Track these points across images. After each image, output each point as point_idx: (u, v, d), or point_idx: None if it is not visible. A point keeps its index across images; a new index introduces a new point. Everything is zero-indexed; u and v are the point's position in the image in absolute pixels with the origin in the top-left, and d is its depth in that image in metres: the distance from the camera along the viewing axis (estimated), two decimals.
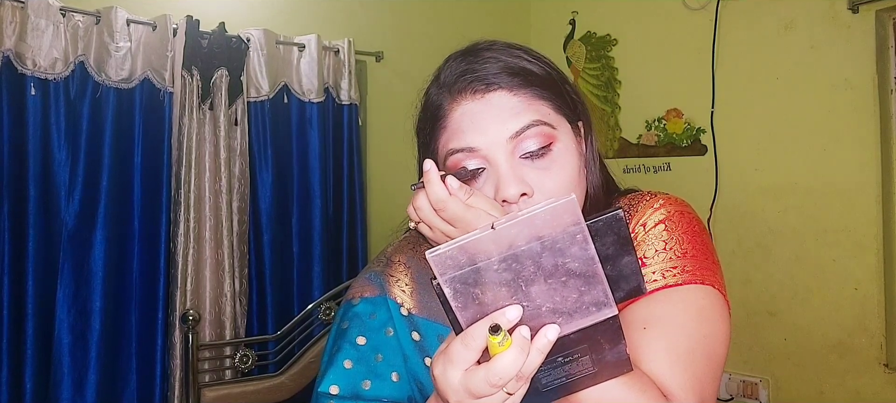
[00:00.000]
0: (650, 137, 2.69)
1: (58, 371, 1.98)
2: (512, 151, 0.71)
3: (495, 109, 0.72)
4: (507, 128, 0.71)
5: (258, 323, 2.38)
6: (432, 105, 0.77)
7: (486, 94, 0.73)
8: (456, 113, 0.73)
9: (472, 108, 0.73)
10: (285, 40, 2.43)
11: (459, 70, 0.75)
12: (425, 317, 0.80)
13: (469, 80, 0.73)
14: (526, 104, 0.73)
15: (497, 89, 0.73)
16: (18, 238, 1.94)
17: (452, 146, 0.73)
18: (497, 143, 0.71)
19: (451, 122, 0.74)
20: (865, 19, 2.13)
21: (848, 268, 2.19)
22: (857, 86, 2.15)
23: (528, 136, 0.71)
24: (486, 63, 0.74)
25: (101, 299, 2.05)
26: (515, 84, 0.73)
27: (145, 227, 2.14)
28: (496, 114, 0.72)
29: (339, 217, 2.56)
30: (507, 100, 0.72)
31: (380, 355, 0.79)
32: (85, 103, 2.04)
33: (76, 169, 2.03)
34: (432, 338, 0.79)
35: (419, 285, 0.83)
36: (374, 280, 0.85)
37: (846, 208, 2.19)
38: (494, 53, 0.75)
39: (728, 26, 2.45)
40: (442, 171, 0.71)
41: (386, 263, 0.87)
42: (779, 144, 2.34)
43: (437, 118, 0.76)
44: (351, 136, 2.57)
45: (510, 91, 0.73)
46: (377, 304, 0.83)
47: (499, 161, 0.71)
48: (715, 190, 2.49)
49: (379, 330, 0.81)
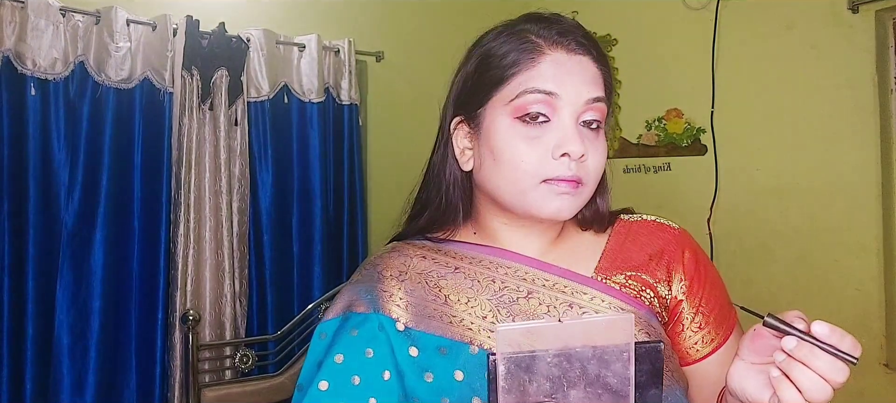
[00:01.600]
0: (650, 137, 2.68)
1: (57, 371, 1.98)
2: (579, 115, 0.74)
3: (584, 70, 0.75)
4: (588, 90, 0.74)
5: (258, 324, 2.38)
6: (518, 42, 0.76)
7: (577, 54, 0.76)
8: (548, 58, 0.75)
9: (564, 60, 0.75)
10: (285, 40, 2.43)
11: (556, 27, 0.77)
12: (423, 331, 0.77)
13: (565, 35, 0.76)
14: (600, 79, 0.77)
15: (586, 54, 0.76)
16: (18, 238, 1.94)
17: (534, 85, 0.73)
18: (575, 101, 0.74)
19: (541, 64, 0.74)
20: (865, 19, 2.13)
21: (849, 268, 2.19)
22: (857, 85, 2.15)
23: (597, 108, 0.75)
24: (578, 30, 0.78)
25: (100, 299, 2.05)
26: (599, 58, 0.78)
27: (145, 227, 2.14)
28: (583, 75, 0.75)
29: (339, 217, 2.56)
30: (592, 67, 0.76)
31: (357, 377, 0.74)
32: (85, 103, 2.04)
33: (76, 169, 2.03)
34: (432, 351, 0.75)
35: (414, 298, 0.79)
36: (365, 296, 0.80)
37: (847, 208, 2.19)
38: (579, 25, 0.79)
39: (728, 26, 2.45)
40: (511, 105, 0.74)
41: (377, 278, 0.82)
42: (779, 144, 2.33)
43: (521, 55, 0.75)
44: (351, 136, 2.57)
45: (595, 61, 0.77)
46: (363, 321, 0.78)
47: (568, 117, 0.73)
48: (715, 190, 2.49)
49: (359, 350, 0.76)
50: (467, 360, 0.74)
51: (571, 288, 0.78)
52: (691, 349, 0.81)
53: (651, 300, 0.80)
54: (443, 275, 0.80)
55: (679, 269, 0.82)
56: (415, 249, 0.84)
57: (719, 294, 0.84)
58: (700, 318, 0.81)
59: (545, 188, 0.73)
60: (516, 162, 0.73)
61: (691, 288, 0.82)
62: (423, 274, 0.81)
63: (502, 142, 0.74)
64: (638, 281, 0.80)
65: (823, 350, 0.57)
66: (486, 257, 0.81)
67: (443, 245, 0.84)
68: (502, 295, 0.78)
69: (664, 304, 0.81)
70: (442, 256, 0.82)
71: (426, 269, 0.81)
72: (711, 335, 0.81)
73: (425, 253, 0.83)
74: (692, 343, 0.81)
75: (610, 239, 0.84)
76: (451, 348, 0.75)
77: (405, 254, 0.84)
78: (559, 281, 0.79)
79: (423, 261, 0.82)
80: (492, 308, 0.77)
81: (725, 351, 0.81)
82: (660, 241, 0.83)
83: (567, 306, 0.77)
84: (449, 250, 0.83)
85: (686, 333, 0.81)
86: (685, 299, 0.81)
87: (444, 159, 0.82)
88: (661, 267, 0.81)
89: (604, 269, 0.81)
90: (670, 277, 0.81)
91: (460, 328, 0.76)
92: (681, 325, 0.81)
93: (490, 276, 0.79)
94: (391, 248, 0.87)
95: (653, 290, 0.80)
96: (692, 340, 0.81)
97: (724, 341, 0.81)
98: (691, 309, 0.81)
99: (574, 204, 0.74)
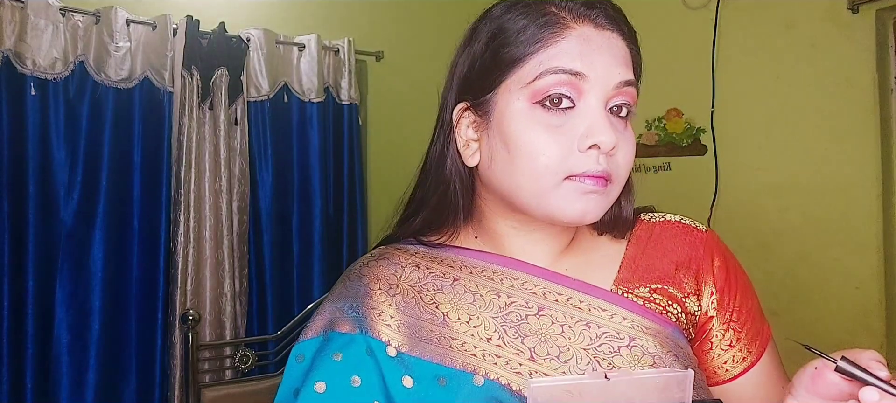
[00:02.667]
0: (650, 137, 2.68)
1: (57, 370, 1.98)
2: (609, 100, 0.64)
3: (614, 48, 0.65)
4: (620, 72, 0.64)
5: (258, 323, 2.38)
6: (537, 13, 0.65)
7: (606, 31, 0.65)
8: (574, 32, 0.64)
9: (592, 35, 0.64)
10: (285, 40, 2.43)
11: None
12: (419, 357, 0.65)
13: (595, 8, 0.65)
14: (631, 61, 0.67)
15: (616, 30, 0.66)
16: (18, 237, 1.94)
17: (558, 64, 0.62)
18: (606, 82, 0.63)
19: (565, 40, 0.63)
20: (865, 19, 2.13)
21: (849, 267, 2.19)
22: (857, 85, 2.15)
23: (628, 93, 0.65)
24: (607, 5, 0.67)
25: (100, 298, 2.05)
26: (629, 35, 0.68)
27: (145, 227, 2.14)
28: (614, 53, 0.64)
29: (339, 217, 2.56)
30: (622, 47, 0.66)
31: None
32: (84, 103, 2.03)
33: (75, 168, 2.03)
34: (429, 382, 0.64)
35: (407, 316, 0.68)
36: (349, 313, 0.69)
37: (847, 207, 2.19)
38: (611, 3, 0.69)
39: (728, 26, 2.45)
40: (530, 87, 0.63)
41: (364, 292, 0.71)
42: (779, 144, 2.33)
43: (548, 27, 0.64)
44: (351, 136, 2.57)
45: (625, 39, 0.67)
46: (349, 344, 0.67)
47: (596, 102, 0.63)
48: (715, 189, 2.49)
49: (344, 378, 0.65)
50: (471, 393, 0.63)
51: (588, 303, 0.68)
52: (720, 368, 0.72)
53: (678, 316, 0.70)
54: (440, 289, 0.69)
55: (709, 280, 0.72)
56: (407, 256, 0.73)
57: (752, 305, 0.74)
58: (731, 335, 0.72)
59: (570, 186, 0.62)
60: (536, 154, 0.62)
61: (722, 301, 0.72)
62: (417, 286, 0.70)
63: (519, 132, 0.63)
64: (664, 295, 0.70)
65: None
66: (490, 266, 0.70)
67: (439, 251, 0.73)
68: (509, 312, 0.67)
69: (692, 321, 0.72)
70: (438, 265, 0.72)
71: (420, 281, 0.70)
72: (744, 353, 0.72)
73: (419, 262, 0.72)
74: (721, 362, 0.72)
75: (629, 245, 0.73)
76: (451, 378, 0.64)
77: (396, 262, 0.73)
78: (574, 295, 0.68)
79: (417, 271, 0.71)
80: (497, 327, 0.66)
81: (759, 371, 0.72)
82: (687, 247, 0.73)
83: (584, 325, 0.66)
84: (446, 257, 0.72)
85: (715, 352, 0.72)
86: (716, 314, 0.72)
87: (445, 152, 0.71)
88: (690, 279, 0.72)
89: (624, 281, 0.71)
90: (700, 290, 0.72)
91: (462, 353, 0.65)
92: (709, 343, 0.72)
93: (494, 290, 0.69)
94: (379, 255, 0.75)
95: (680, 305, 0.70)
96: (722, 359, 0.72)
97: (758, 359, 0.72)
98: (722, 326, 0.72)
99: (602, 205, 0.64)
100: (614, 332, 0.66)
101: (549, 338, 0.66)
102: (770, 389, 0.72)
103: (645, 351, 0.65)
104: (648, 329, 0.67)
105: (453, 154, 0.70)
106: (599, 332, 0.66)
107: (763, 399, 0.71)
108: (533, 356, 0.65)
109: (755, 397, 0.71)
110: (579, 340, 0.65)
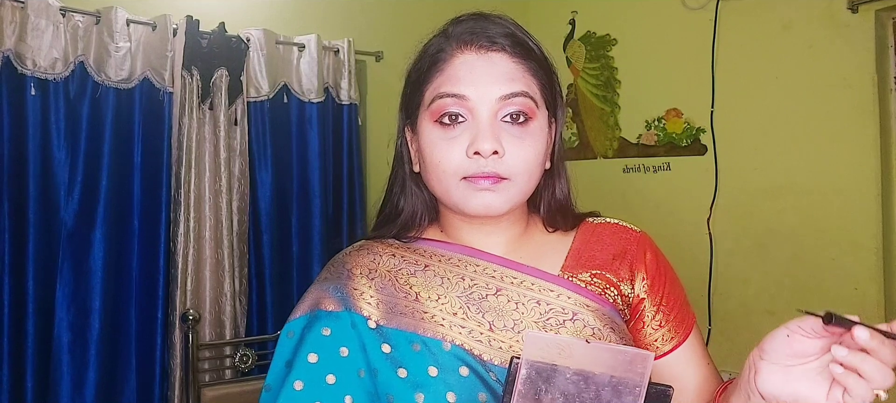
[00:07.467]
0: (650, 137, 2.69)
1: (57, 369, 1.98)
2: (496, 112, 0.76)
3: (494, 68, 0.77)
4: (499, 88, 0.76)
5: (258, 323, 2.38)
6: (433, 49, 0.80)
7: (488, 52, 0.77)
8: (456, 61, 0.78)
9: (472, 60, 0.77)
10: (285, 40, 2.43)
11: (468, 26, 0.79)
12: (395, 328, 0.77)
13: (476, 34, 0.78)
14: (521, 73, 0.78)
15: (499, 50, 0.77)
16: (18, 237, 1.94)
17: (444, 89, 0.77)
18: (486, 99, 0.75)
19: (449, 68, 0.78)
20: (865, 19, 2.13)
21: (847, 268, 2.20)
22: (856, 85, 2.15)
23: (515, 104, 0.76)
24: (495, 25, 0.79)
25: (100, 298, 2.05)
26: (517, 52, 0.78)
27: (145, 227, 2.14)
28: (493, 72, 0.76)
29: (339, 217, 2.56)
30: (506, 63, 0.77)
31: (332, 376, 0.75)
32: (84, 103, 2.04)
33: (76, 168, 2.03)
34: (405, 347, 0.76)
35: (385, 295, 0.80)
36: (335, 294, 0.81)
37: (845, 208, 2.19)
38: (504, 21, 0.80)
39: (727, 26, 2.45)
40: (429, 111, 0.78)
41: (346, 276, 0.83)
42: (778, 144, 2.34)
43: (435, 61, 0.79)
44: (351, 136, 2.57)
45: (511, 56, 0.78)
46: (335, 320, 0.78)
47: (483, 116, 0.75)
48: (714, 189, 2.49)
49: (334, 349, 0.76)
50: (441, 355, 0.75)
51: (539, 285, 0.80)
52: (652, 346, 0.85)
53: (615, 297, 0.83)
54: (413, 273, 0.82)
55: (641, 269, 0.85)
56: (384, 247, 0.86)
57: (679, 294, 0.88)
58: (660, 316, 0.85)
59: (465, 185, 0.76)
60: (437, 162, 0.77)
61: (653, 287, 0.85)
62: (393, 271, 0.82)
63: (427, 146, 0.78)
64: (602, 279, 0.83)
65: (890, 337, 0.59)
66: (455, 255, 0.82)
67: (412, 243, 0.85)
68: (472, 292, 0.79)
69: (627, 302, 0.84)
70: (411, 254, 0.84)
71: (396, 267, 0.83)
72: (671, 333, 0.85)
73: (395, 251, 0.85)
74: (653, 340, 0.85)
75: (575, 240, 0.86)
76: (424, 344, 0.76)
77: (374, 252, 0.85)
78: (527, 279, 0.80)
79: (393, 259, 0.84)
80: (462, 304, 0.78)
81: (685, 349, 0.85)
82: (623, 243, 0.86)
83: (535, 302, 0.79)
84: (418, 248, 0.84)
85: (647, 330, 0.85)
86: (647, 297, 0.85)
87: (400, 162, 0.88)
88: (624, 267, 0.84)
89: (570, 267, 0.83)
90: (633, 276, 0.84)
91: (432, 324, 0.77)
92: (642, 322, 0.85)
93: (459, 274, 0.81)
94: (360, 246, 0.88)
95: (616, 288, 0.83)
96: (653, 337, 0.85)
97: (684, 339, 0.85)
98: (652, 307, 0.85)
99: (501, 199, 0.76)
100: (560, 308, 0.79)
101: (506, 313, 0.78)
102: (695, 365, 0.86)
103: (585, 324, 0.78)
104: (589, 306, 0.79)
105: (406, 162, 0.86)
106: (548, 308, 0.79)
107: (690, 374, 0.85)
108: (491, 327, 0.77)
109: (684, 373, 0.85)
110: (531, 315, 0.78)
